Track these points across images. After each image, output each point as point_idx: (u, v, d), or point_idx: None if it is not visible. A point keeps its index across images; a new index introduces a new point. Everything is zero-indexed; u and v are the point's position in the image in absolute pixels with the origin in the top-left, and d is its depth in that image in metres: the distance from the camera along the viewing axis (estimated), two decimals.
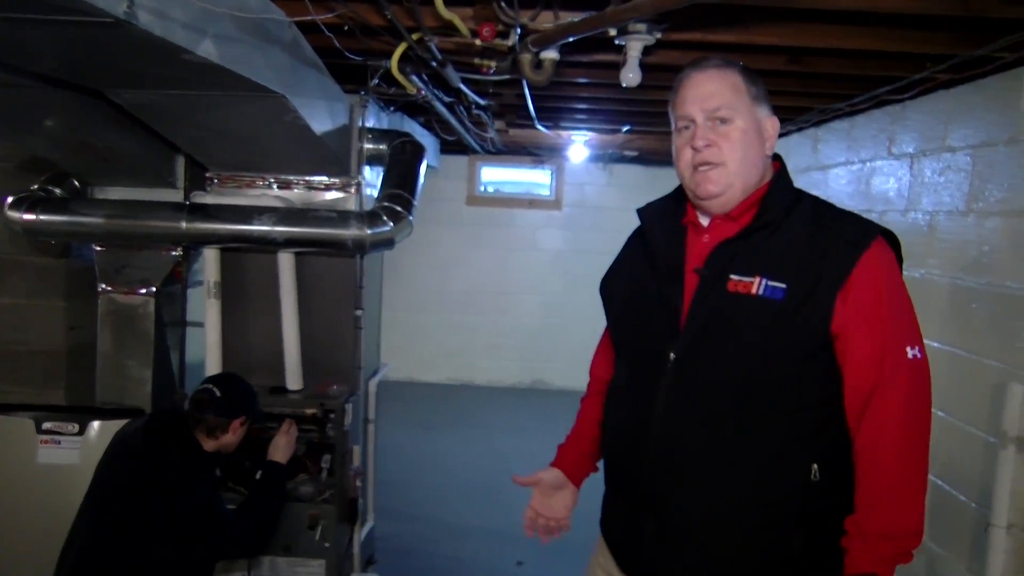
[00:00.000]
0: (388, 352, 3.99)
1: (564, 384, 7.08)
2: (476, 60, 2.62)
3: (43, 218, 2.84)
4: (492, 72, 2.70)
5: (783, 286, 1.45)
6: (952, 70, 2.55)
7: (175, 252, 3.14)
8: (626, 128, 4.94)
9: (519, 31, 2.31)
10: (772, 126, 1.59)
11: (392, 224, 2.88)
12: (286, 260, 3.02)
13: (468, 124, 4.51)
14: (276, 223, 2.83)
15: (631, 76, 2.31)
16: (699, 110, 1.53)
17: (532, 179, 7.65)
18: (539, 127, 4.58)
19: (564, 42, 2.33)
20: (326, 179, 3.09)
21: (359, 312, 3.20)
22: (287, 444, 2.74)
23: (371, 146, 3.15)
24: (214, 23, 1.72)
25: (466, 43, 2.39)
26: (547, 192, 7.60)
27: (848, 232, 1.50)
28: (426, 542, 4.16)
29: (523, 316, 7.50)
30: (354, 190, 3.09)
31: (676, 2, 1.84)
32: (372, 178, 3.25)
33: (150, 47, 1.60)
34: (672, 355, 1.52)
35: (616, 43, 2.29)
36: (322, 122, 2.62)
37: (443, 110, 3.63)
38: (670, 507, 1.54)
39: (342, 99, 2.89)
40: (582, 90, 3.59)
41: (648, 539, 1.56)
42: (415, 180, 3.09)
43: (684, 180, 1.60)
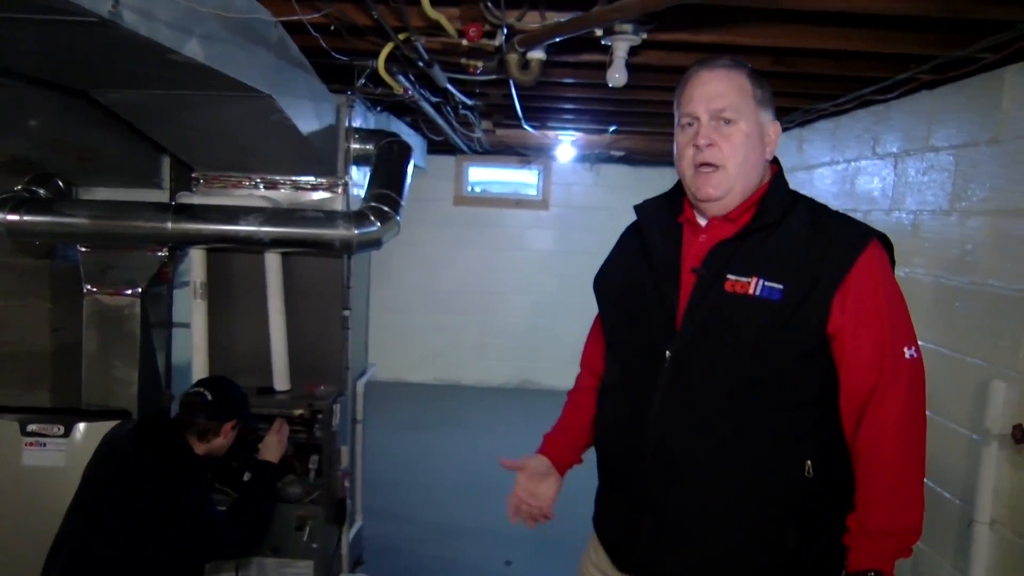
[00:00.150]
0: (375, 353, 3.99)
1: (552, 384, 7.09)
2: (463, 60, 2.62)
3: (27, 219, 2.81)
4: (479, 72, 2.70)
5: (780, 287, 1.47)
6: (935, 71, 2.57)
7: (161, 253, 3.12)
8: (613, 128, 4.95)
9: (506, 31, 2.31)
10: (774, 131, 1.61)
11: (379, 224, 2.88)
12: (273, 260, 3.01)
13: (455, 124, 4.51)
14: (263, 223, 2.82)
15: (617, 76, 2.32)
16: (704, 109, 1.55)
17: (519, 179, 7.65)
18: (526, 127, 4.59)
19: (551, 42, 2.34)
20: (313, 179, 3.08)
21: (347, 312, 3.19)
22: (279, 443, 2.73)
23: (358, 146, 3.14)
24: (200, 23, 1.71)
25: (453, 43, 2.39)
26: (534, 192, 7.60)
27: (845, 234, 1.52)
28: (414, 542, 4.16)
29: (511, 316, 7.51)
30: (341, 190, 3.09)
31: (661, 3, 1.85)
32: (359, 178, 3.25)
33: (135, 47, 1.59)
34: (668, 353, 1.54)
35: (602, 43, 2.30)
36: (309, 122, 2.62)
37: (430, 110, 3.63)
38: (667, 504, 1.55)
39: (329, 99, 2.88)
40: (569, 90, 3.60)
41: (644, 536, 1.57)
42: (402, 180, 3.09)
43: (685, 179, 1.61)
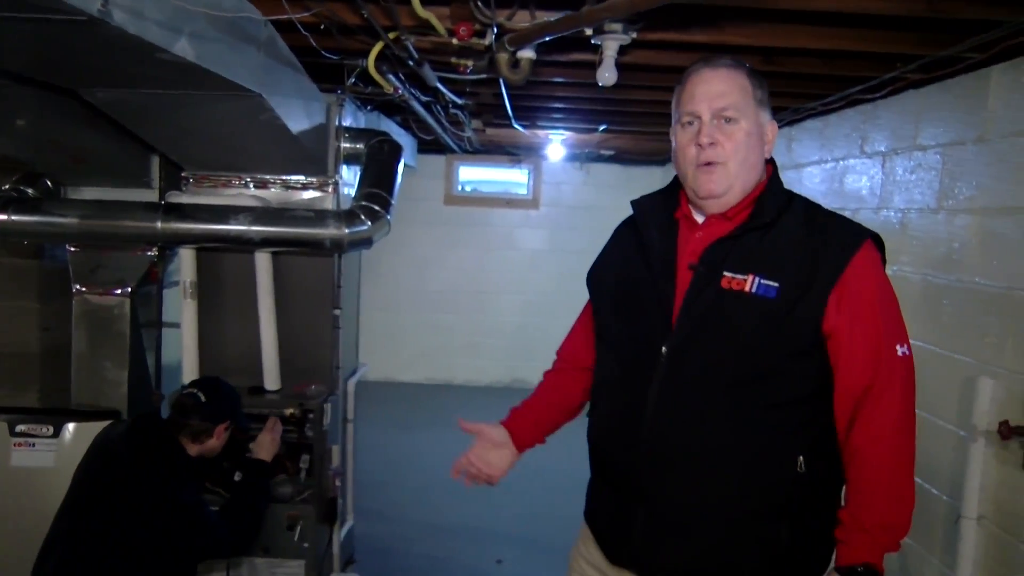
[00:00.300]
0: (366, 352, 3.99)
1: None
2: (453, 59, 2.62)
3: (15, 219, 2.80)
4: (469, 71, 2.70)
5: (776, 284, 1.50)
6: (921, 70, 2.59)
7: (150, 252, 3.11)
8: (603, 127, 4.96)
9: (496, 30, 2.31)
10: (772, 130, 1.63)
11: (370, 223, 2.88)
12: (263, 260, 3.01)
13: (445, 123, 4.51)
14: (253, 223, 2.81)
15: (607, 75, 2.32)
16: (707, 108, 1.56)
17: (509, 178, 7.66)
18: (516, 126, 4.59)
19: (541, 41, 2.34)
20: (303, 178, 3.08)
21: (337, 312, 3.19)
22: (272, 442, 2.72)
23: (348, 145, 3.14)
24: (189, 22, 1.71)
25: (443, 42, 2.39)
26: (524, 191, 7.61)
27: (840, 234, 1.55)
28: (406, 542, 4.16)
29: (501, 315, 7.51)
30: (331, 189, 3.09)
31: (651, 2, 1.86)
32: (349, 177, 3.24)
33: (124, 45, 1.59)
34: (664, 349, 1.55)
35: (592, 42, 2.30)
36: (299, 121, 2.62)
37: (420, 109, 3.63)
38: (661, 498, 1.57)
39: (319, 98, 2.88)
40: (559, 89, 3.61)
41: (638, 529, 1.59)
42: (393, 179, 3.09)
43: (686, 177, 1.62)
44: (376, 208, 2.91)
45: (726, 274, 1.53)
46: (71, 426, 2.84)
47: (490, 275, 7.52)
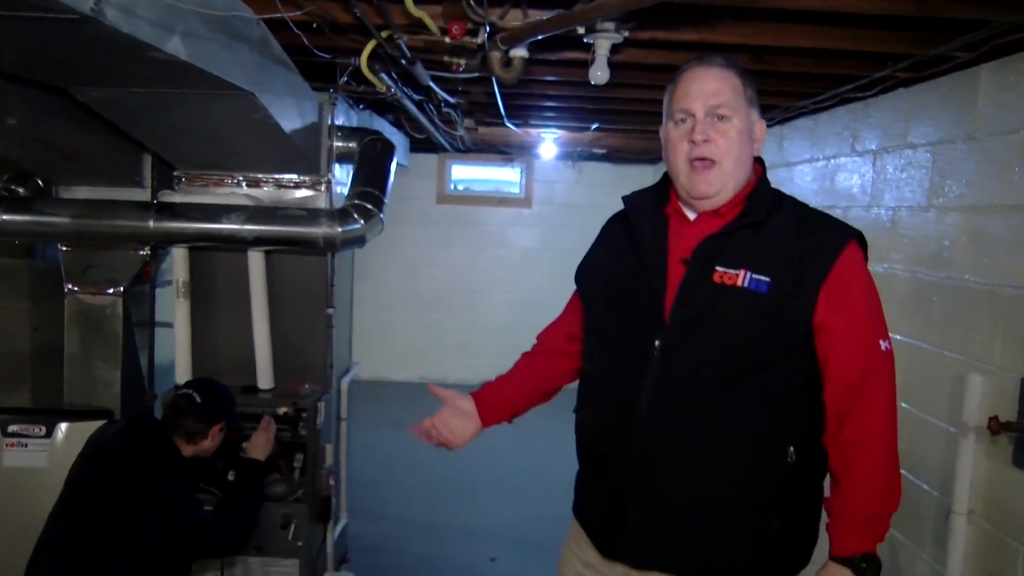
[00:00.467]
0: (359, 351, 3.98)
1: None
2: (445, 58, 2.63)
3: (6, 218, 2.79)
4: (461, 70, 2.71)
5: (767, 279, 1.52)
6: (912, 69, 2.60)
7: (143, 252, 3.10)
8: (595, 126, 4.97)
9: (488, 29, 2.32)
10: (761, 129, 1.66)
11: (363, 222, 2.88)
12: (256, 259, 3.00)
13: (438, 122, 4.51)
14: (245, 222, 2.81)
15: (600, 74, 2.33)
16: (701, 105, 1.58)
17: (502, 177, 7.65)
18: (508, 125, 4.59)
19: (533, 40, 2.35)
20: (295, 177, 3.08)
21: (330, 311, 3.19)
22: (266, 441, 2.73)
23: (341, 144, 3.14)
24: (181, 20, 1.71)
25: (435, 41, 2.40)
26: (517, 190, 7.61)
27: (828, 233, 1.59)
28: (399, 540, 4.16)
29: (494, 314, 7.50)
30: (324, 188, 3.08)
31: (642, 1, 1.87)
32: (342, 176, 3.24)
33: (117, 44, 1.59)
34: (657, 343, 1.56)
35: (584, 41, 2.31)
36: (291, 120, 2.61)
37: (413, 108, 3.63)
38: (655, 491, 1.58)
39: (311, 97, 2.88)
40: (551, 88, 3.61)
41: (631, 524, 1.60)
42: (385, 178, 3.09)
43: (679, 175, 1.63)
44: (369, 207, 2.91)
45: (718, 269, 1.55)
46: (64, 426, 2.84)
47: (483, 274, 7.52)
